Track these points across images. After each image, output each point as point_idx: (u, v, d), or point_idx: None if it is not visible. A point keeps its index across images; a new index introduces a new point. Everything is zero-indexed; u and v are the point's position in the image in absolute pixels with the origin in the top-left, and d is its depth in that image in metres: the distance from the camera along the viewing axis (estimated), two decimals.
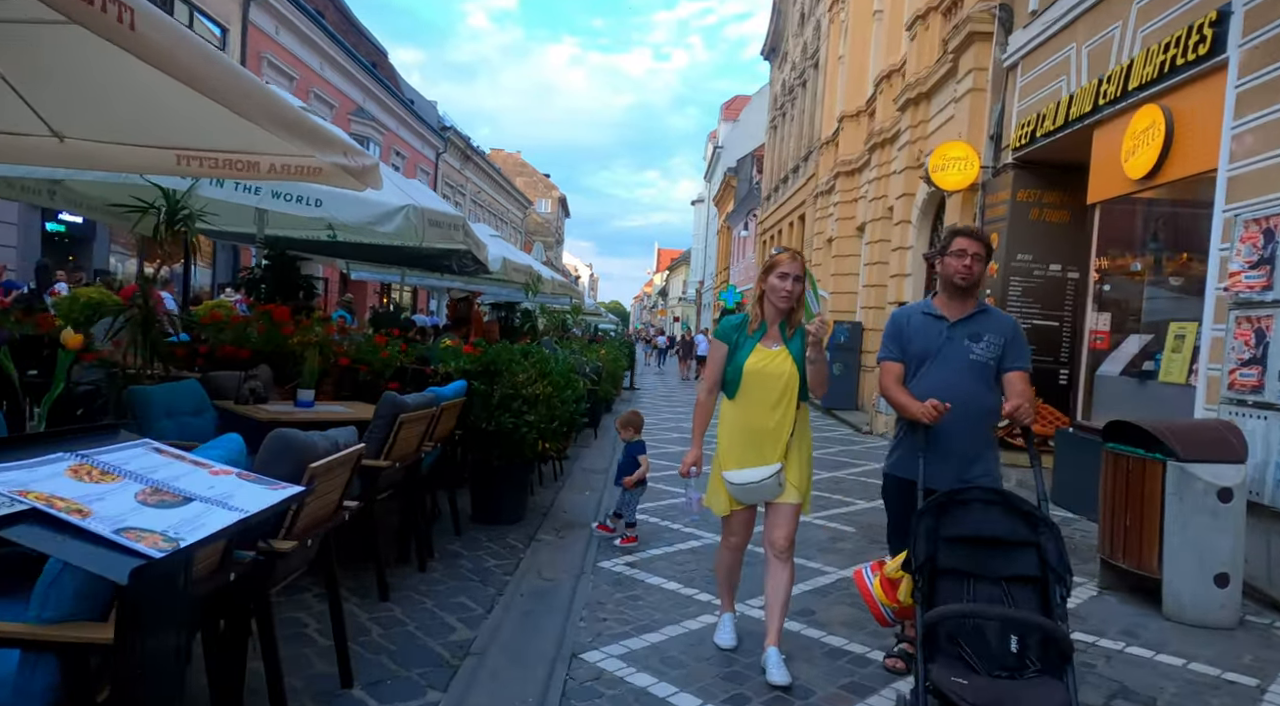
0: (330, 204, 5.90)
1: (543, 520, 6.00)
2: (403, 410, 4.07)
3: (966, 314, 3.26)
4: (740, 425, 3.31)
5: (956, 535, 2.62)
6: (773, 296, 3.24)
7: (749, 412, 3.28)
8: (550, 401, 5.75)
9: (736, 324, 3.39)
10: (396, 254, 9.77)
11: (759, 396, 3.24)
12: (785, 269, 3.23)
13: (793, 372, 3.25)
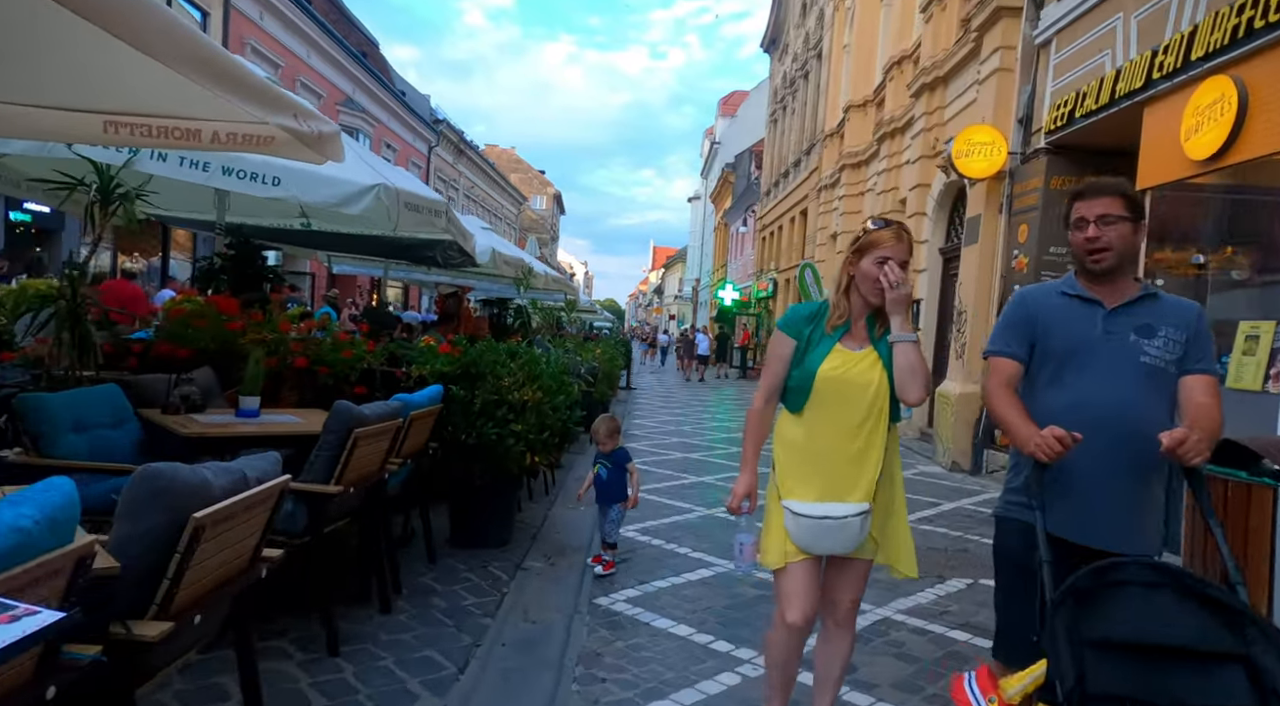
0: (291, 182, 5.18)
1: (531, 543, 5.28)
2: (358, 423, 3.35)
3: (1128, 299, 2.28)
4: (809, 450, 2.45)
5: (1112, 640, 1.71)
6: (864, 285, 2.40)
7: (822, 433, 2.43)
8: (540, 408, 5.03)
9: (810, 315, 2.51)
10: (376, 245, 9.04)
11: (837, 413, 2.41)
12: (886, 251, 2.35)
13: (883, 383, 2.40)
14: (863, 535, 2.42)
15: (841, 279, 2.49)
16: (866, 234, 2.43)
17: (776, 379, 2.51)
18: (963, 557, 5.52)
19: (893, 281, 2.33)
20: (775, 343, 2.55)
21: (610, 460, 4.77)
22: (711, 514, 6.48)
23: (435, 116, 33.18)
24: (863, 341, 2.46)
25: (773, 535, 2.53)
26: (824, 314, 2.50)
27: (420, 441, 4.42)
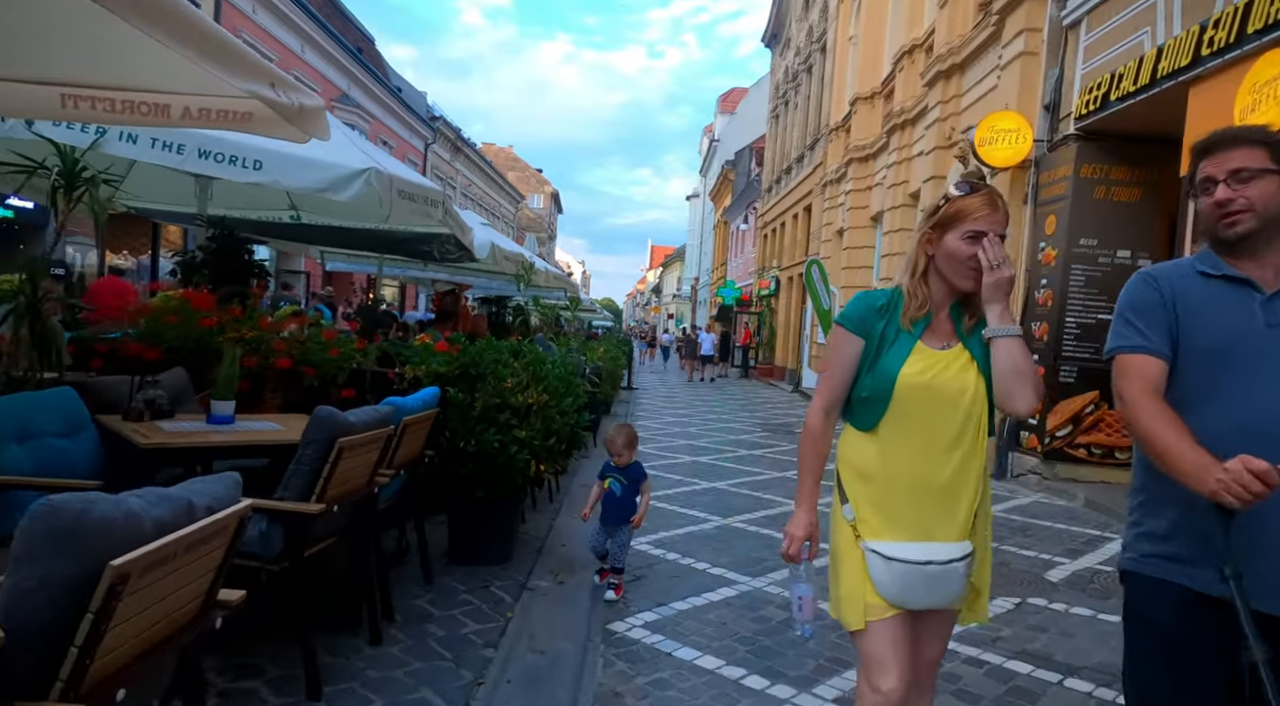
0: (273, 165, 4.74)
1: (536, 558, 4.84)
2: (343, 431, 2.91)
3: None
4: (888, 477, 1.95)
5: None
6: (950, 267, 1.92)
7: (904, 456, 1.93)
8: (546, 412, 4.59)
9: (883, 306, 2.00)
10: (370, 239, 8.61)
11: (923, 429, 1.91)
12: (979, 223, 1.87)
13: (979, 390, 1.92)
14: (965, 583, 1.97)
15: (917, 260, 1.99)
16: (949, 202, 1.93)
17: (839, 389, 2.01)
18: (1002, 573, 5.09)
19: (993, 260, 1.85)
20: (837, 343, 2.03)
21: (625, 475, 4.28)
22: (728, 524, 6.05)
23: (432, 113, 32.75)
24: (948, 337, 1.97)
25: (847, 585, 2.00)
26: (898, 304, 1.98)
27: (415, 450, 3.99)
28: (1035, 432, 8.16)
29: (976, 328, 1.96)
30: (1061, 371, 7.98)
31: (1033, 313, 8.36)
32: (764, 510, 6.60)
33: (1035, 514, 6.94)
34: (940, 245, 1.93)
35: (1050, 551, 5.66)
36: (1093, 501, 7.25)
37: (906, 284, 2.01)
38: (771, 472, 8.47)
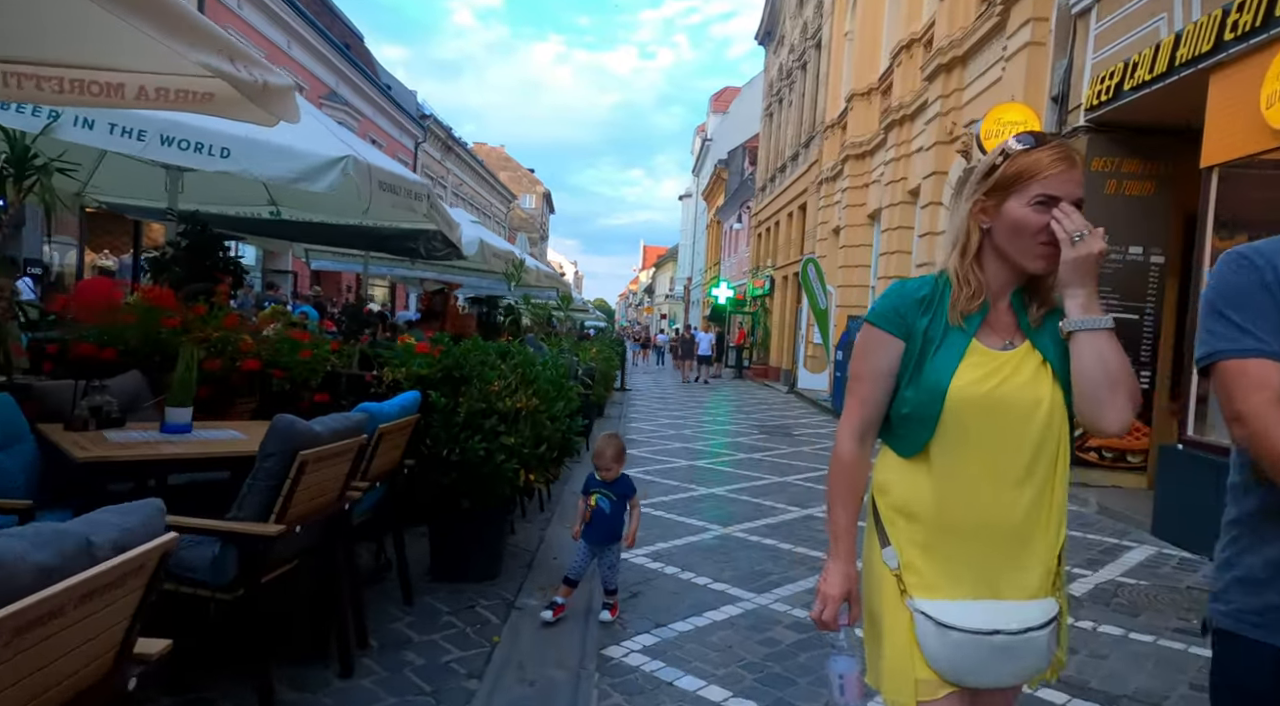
0: (242, 153, 4.42)
1: (526, 573, 4.53)
2: (306, 442, 2.59)
3: None
4: (942, 517, 1.53)
5: None
6: (1015, 244, 1.51)
7: (963, 489, 1.52)
8: (536, 418, 4.28)
9: (925, 298, 1.58)
10: (353, 236, 8.27)
11: (987, 454, 1.50)
12: (1050, 185, 1.46)
13: (1056, 402, 1.51)
14: (1050, 654, 1.54)
15: (968, 236, 1.55)
16: (1009, 159, 1.50)
17: (875, 405, 1.58)
18: None
19: (1072, 232, 1.43)
20: (869, 347, 1.60)
21: (613, 490, 3.87)
22: (729, 533, 5.74)
23: (422, 112, 32.41)
24: (1010, 334, 1.55)
25: (892, 657, 1.57)
26: (945, 294, 1.57)
27: (393, 459, 3.67)
28: None
29: (1049, 320, 1.55)
30: None
31: None
32: (766, 518, 6.29)
33: None
34: (999, 215, 1.51)
35: (1069, 562, 5.36)
36: (1106, 507, 6.97)
37: (955, 267, 1.57)
38: (771, 477, 8.18)
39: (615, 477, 3.86)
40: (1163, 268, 7.62)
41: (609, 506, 3.83)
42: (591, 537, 3.86)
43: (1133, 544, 5.96)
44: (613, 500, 3.83)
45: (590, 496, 3.86)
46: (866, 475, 1.64)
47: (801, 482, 7.95)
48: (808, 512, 6.56)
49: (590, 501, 3.84)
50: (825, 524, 1.67)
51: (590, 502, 3.84)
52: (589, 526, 3.84)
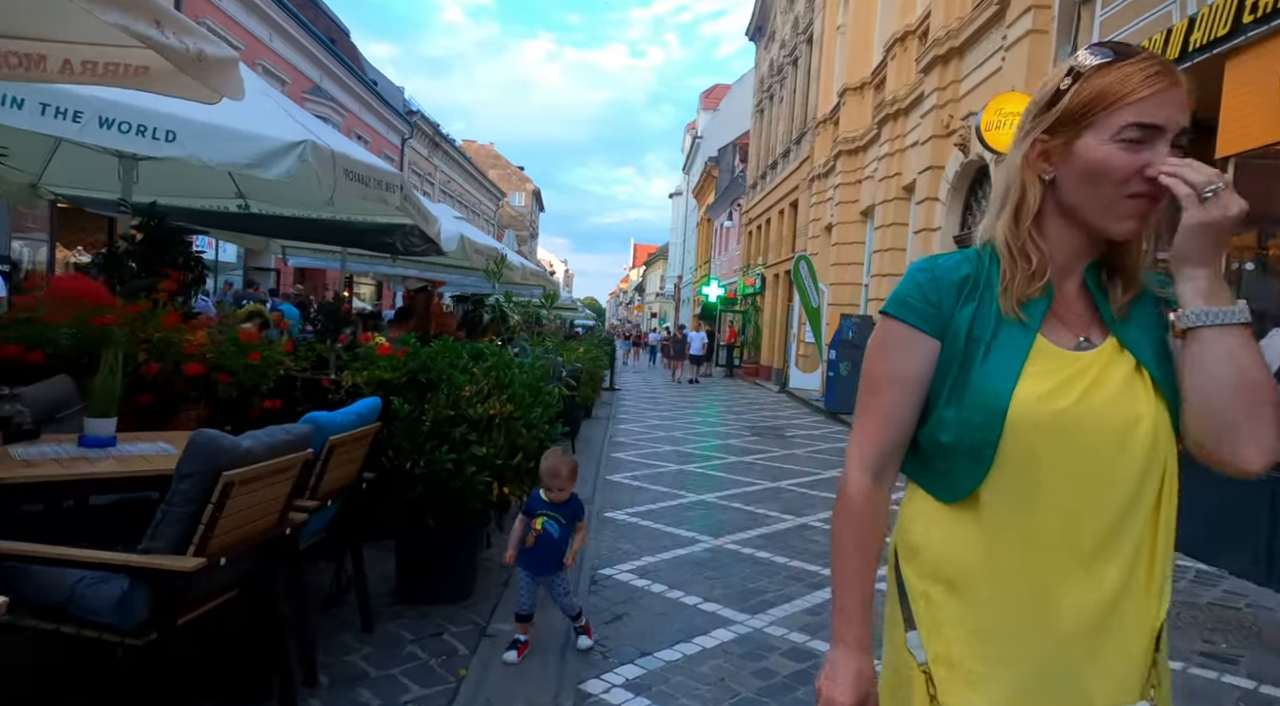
0: (189, 136, 4.06)
1: (502, 592, 4.18)
2: (232, 461, 2.24)
3: None
4: (1001, 585, 1.10)
5: None
6: (1093, 199, 1.10)
7: (1031, 548, 1.09)
8: (510, 425, 3.93)
9: (964, 279, 1.17)
10: (327, 231, 7.90)
11: (1066, 498, 1.08)
12: (1148, 110, 1.05)
13: (1160, 419, 1.10)
14: None
15: (1022, 192, 1.14)
16: (1082, 78, 1.08)
17: (898, 425, 1.17)
18: None
19: (1201, 185, 1.03)
20: (888, 346, 1.19)
21: (563, 513, 3.38)
22: (720, 545, 5.41)
23: (409, 108, 31.97)
24: (1087, 326, 1.14)
25: None
26: (993, 274, 1.16)
27: (349, 473, 3.32)
28: None
29: (1137, 308, 1.15)
30: None
31: None
32: (758, 528, 5.96)
33: None
34: (1069, 159, 1.09)
35: None
36: None
37: (1005, 236, 1.15)
38: (764, 483, 7.85)
39: (566, 499, 3.39)
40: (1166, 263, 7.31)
41: (557, 531, 3.35)
42: (535, 566, 3.38)
43: None
44: (561, 524, 3.36)
45: (535, 519, 3.35)
46: (885, 524, 1.21)
47: (795, 488, 7.63)
48: (802, 521, 6.24)
49: (536, 525, 3.34)
50: (831, 595, 1.21)
51: (536, 526, 3.34)
52: (531, 553, 3.35)
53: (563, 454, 3.44)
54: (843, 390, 14.27)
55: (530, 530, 3.33)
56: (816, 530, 5.97)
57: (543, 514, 3.35)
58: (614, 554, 5.09)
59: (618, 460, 8.88)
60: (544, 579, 3.40)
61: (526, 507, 3.42)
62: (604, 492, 7.07)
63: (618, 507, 6.47)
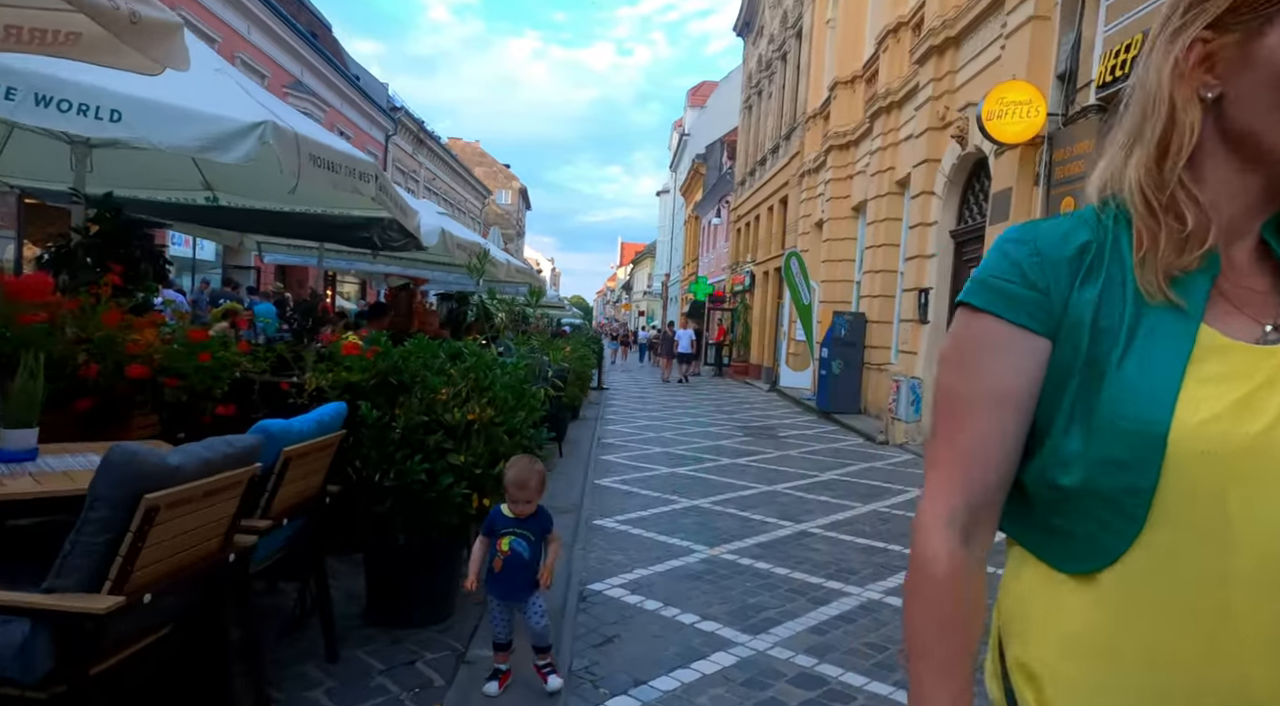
0: (136, 117, 3.71)
1: (481, 613, 3.83)
2: (156, 483, 1.90)
3: None
4: (1158, 687, 0.76)
5: None
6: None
7: (1209, 632, 0.74)
8: (491, 431, 3.60)
9: (1081, 249, 0.83)
10: (302, 225, 7.54)
11: (1263, 567, 0.72)
12: None
13: None
14: None
15: (1170, 117, 0.81)
16: None
17: (991, 464, 0.85)
18: None
19: None
20: (971, 354, 0.87)
21: (532, 528, 2.96)
22: (716, 556, 5.10)
23: (393, 103, 31.51)
24: (1272, 307, 0.82)
25: None
26: (1122, 241, 0.83)
27: (309, 486, 2.98)
28: None
29: None
30: None
31: None
32: (756, 535, 5.66)
33: None
34: (1249, 65, 0.77)
35: None
36: None
37: (1140, 183, 0.82)
38: (758, 486, 7.55)
39: (533, 511, 2.97)
40: None
41: (527, 550, 2.93)
42: (506, 591, 2.96)
43: None
44: (531, 541, 2.94)
45: (501, 539, 2.93)
46: (983, 604, 0.88)
47: (791, 492, 7.33)
48: (800, 528, 5.94)
49: (502, 546, 2.92)
50: (908, 689, 0.87)
51: (502, 548, 2.92)
52: (500, 578, 2.93)
53: (531, 462, 3.00)
54: (835, 389, 14.01)
55: (496, 553, 2.92)
56: (816, 537, 5.68)
57: (508, 532, 2.94)
58: (604, 566, 4.77)
59: (607, 463, 8.56)
60: (515, 603, 3.00)
61: (487, 527, 2.98)
62: (593, 498, 6.74)
63: (607, 514, 6.15)
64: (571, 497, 6.75)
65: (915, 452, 10.01)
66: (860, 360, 13.95)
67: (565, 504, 6.48)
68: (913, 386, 10.60)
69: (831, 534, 5.80)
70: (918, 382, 10.55)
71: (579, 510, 6.24)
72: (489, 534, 2.96)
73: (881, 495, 7.37)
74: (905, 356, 11.34)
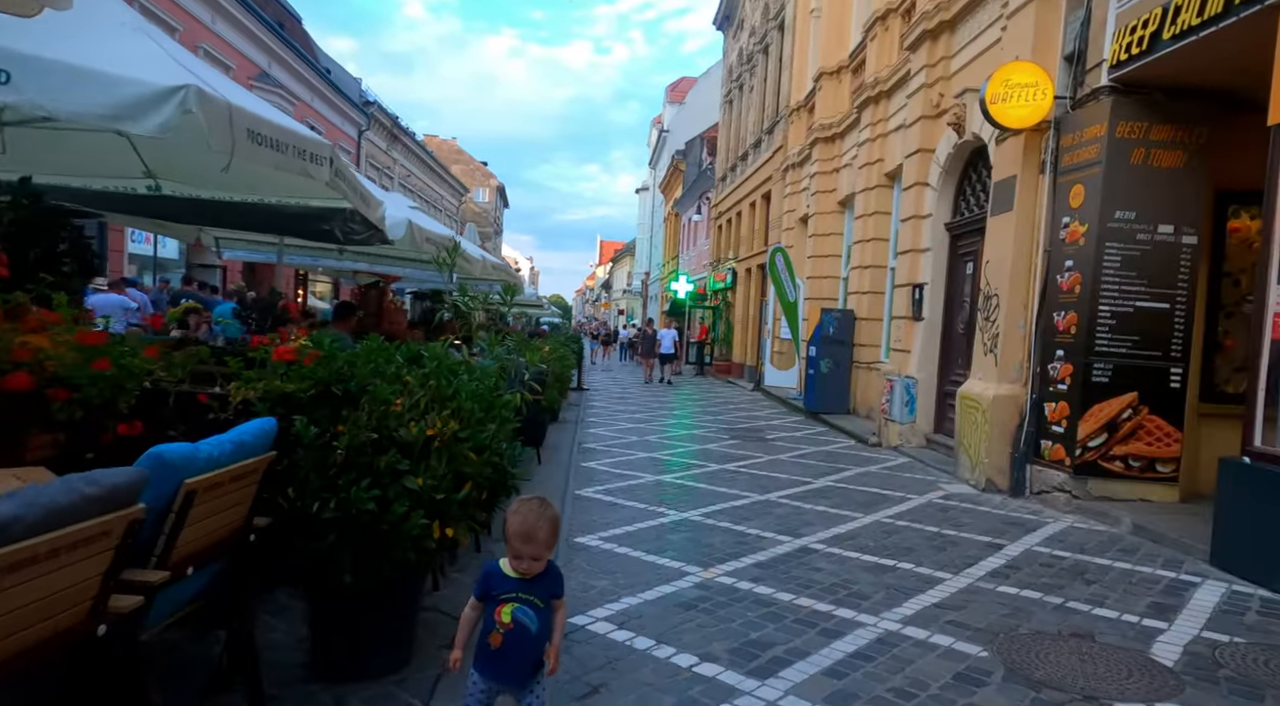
0: (27, 77, 3.18)
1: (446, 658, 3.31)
2: None
3: None
4: None
5: None
6: None
7: None
8: (455, 448, 3.07)
9: None
10: (256, 217, 6.94)
11: None
12: None
13: None
14: None
15: None
16: None
17: None
18: (1092, 654, 3.74)
19: None
20: None
21: (539, 592, 2.26)
22: (712, 579, 4.59)
23: (366, 98, 30.72)
24: None
25: None
26: None
27: (226, 523, 2.44)
28: (1062, 442, 6.89)
29: None
30: (1094, 369, 6.72)
31: (1055, 301, 7.09)
32: (753, 553, 5.16)
33: (1079, 546, 5.64)
34: None
35: (1132, 608, 4.33)
36: (1143, 527, 5.98)
37: None
38: (751, 495, 7.06)
39: (542, 569, 2.27)
40: (1195, 249, 6.67)
41: (535, 621, 2.23)
42: (501, 673, 2.26)
43: (1193, 577, 4.96)
44: (540, 608, 2.25)
45: (502, 607, 2.22)
46: None
47: (787, 502, 6.84)
48: (801, 543, 5.45)
49: (502, 616, 2.22)
50: None
51: (503, 618, 2.22)
52: (496, 656, 2.24)
53: (541, 506, 2.28)
54: (824, 389, 13.57)
55: (495, 626, 2.23)
56: (818, 554, 5.19)
57: (510, 597, 2.23)
58: (587, 594, 4.25)
59: (588, 470, 8.03)
60: (512, 690, 2.30)
61: (481, 588, 2.28)
62: (574, 510, 6.22)
63: (589, 530, 5.63)
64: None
65: (910, 455, 9.57)
66: (849, 359, 13.50)
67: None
68: (907, 386, 10.16)
69: (835, 550, 5.32)
70: (912, 382, 10.11)
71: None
72: (484, 597, 2.27)
73: (881, 504, 6.90)
74: (897, 354, 10.91)
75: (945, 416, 9.75)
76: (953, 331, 9.97)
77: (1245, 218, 7.06)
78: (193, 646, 3.05)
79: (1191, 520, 6.02)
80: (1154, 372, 6.65)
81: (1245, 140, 6.39)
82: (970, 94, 8.60)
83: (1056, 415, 6.95)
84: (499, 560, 2.30)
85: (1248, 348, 5.41)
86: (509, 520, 2.25)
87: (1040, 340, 7.23)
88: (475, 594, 2.30)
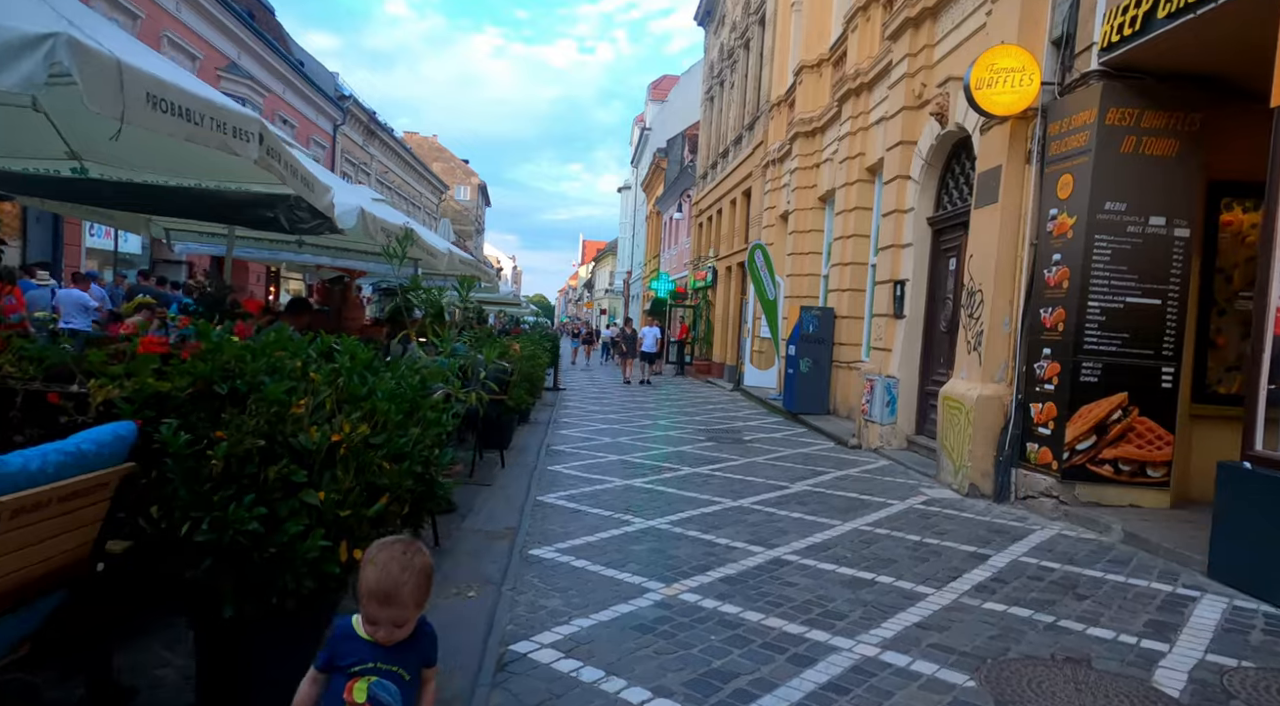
0: None
1: None
2: None
3: None
4: None
5: None
6: None
7: None
8: (365, 457, 2.65)
9: None
10: (194, 203, 6.47)
11: None
12: None
13: None
14: None
15: None
16: None
17: None
18: (1089, 682, 3.38)
19: None
20: None
21: (404, 662, 1.81)
22: (674, 596, 4.19)
23: (341, 92, 30.11)
24: None
25: None
26: None
27: (67, 548, 2.01)
28: (1049, 445, 6.56)
29: None
30: (1083, 368, 6.38)
31: (1042, 296, 6.76)
32: (721, 567, 4.76)
33: (1069, 556, 5.30)
34: None
35: (1129, 627, 3.98)
36: (1134, 535, 5.65)
37: None
38: (723, 500, 6.67)
39: (407, 636, 1.80)
40: (1187, 242, 6.35)
41: (398, 699, 1.78)
42: None
43: (1192, 591, 4.62)
44: (406, 681, 1.80)
45: (354, 681, 1.76)
46: None
47: (760, 508, 6.46)
48: (774, 554, 5.07)
49: (354, 695, 1.76)
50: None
51: (355, 698, 1.76)
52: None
53: (405, 553, 1.78)
54: (804, 389, 13.22)
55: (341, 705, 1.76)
56: (791, 567, 4.82)
57: (364, 670, 1.77)
58: (535, 616, 3.84)
59: (554, 475, 7.62)
60: None
61: (326, 656, 1.80)
62: (533, 519, 5.81)
63: (547, 541, 5.22)
64: (510, 518, 5.81)
65: (891, 458, 9.23)
66: (829, 358, 13.16)
67: (499, 528, 5.54)
68: (888, 386, 9.82)
69: (809, 562, 4.94)
70: (893, 382, 9.77)
71: (514, 536, 5.31)
72: (328, 668, 1.80)
73: (860, 509, 6.53)
74: (878, 353, 10.57)
75: (927, 417, 9.43)
76: (935, 329, 9.65)
77: (1238, 211, 6.77)
78: (54, 690, 2.62)
79: (1185, 528, 5.70)
80: (1145, 372, 6.33)
81: (1239, 129, 6.10)
82: (954, 83, 8.28)
83: (1043, 416, 6.62)
84: (351, 617, 1.81)
85: (1244, 346, 5.09)
86: (363, 572, 1.76)
87: (1026, 338, 6.90)
88: (317, 664, 1.82)
